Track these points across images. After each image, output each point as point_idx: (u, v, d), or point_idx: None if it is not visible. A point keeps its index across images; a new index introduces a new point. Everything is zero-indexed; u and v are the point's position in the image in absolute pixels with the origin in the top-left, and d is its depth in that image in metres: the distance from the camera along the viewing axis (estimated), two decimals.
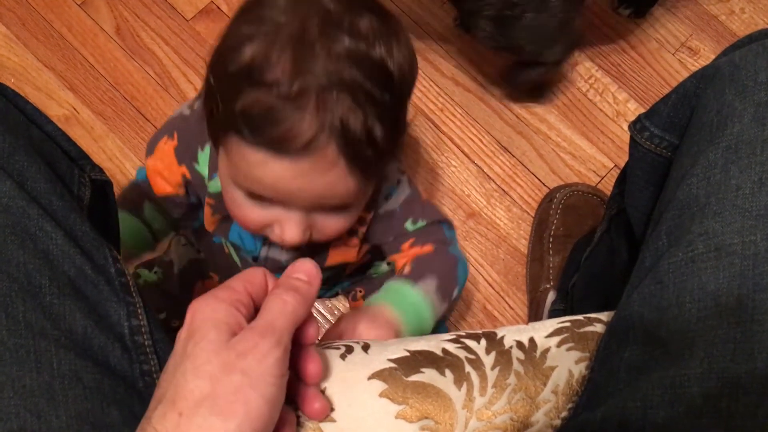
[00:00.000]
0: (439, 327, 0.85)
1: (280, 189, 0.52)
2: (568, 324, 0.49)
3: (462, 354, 0.46)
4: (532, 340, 0.47)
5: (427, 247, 0.66)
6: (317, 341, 0.42)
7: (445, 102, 1.04)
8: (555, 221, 0.93)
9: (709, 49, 1.07)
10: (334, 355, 0.45)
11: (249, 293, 0.39)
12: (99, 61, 1.03)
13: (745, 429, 0.38)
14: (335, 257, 0.69)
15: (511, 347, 0.47)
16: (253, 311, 0.39)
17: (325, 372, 0.43)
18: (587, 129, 1.03)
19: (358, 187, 0.53)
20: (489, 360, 0.46)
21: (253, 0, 0.52)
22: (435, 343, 0.47)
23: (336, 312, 0.93)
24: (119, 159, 0.98)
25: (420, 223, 0.67)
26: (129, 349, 0.42)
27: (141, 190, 0.68)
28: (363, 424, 0.42)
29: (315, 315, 0.81)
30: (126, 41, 1.04)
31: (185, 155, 0.65)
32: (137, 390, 0.42)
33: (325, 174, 0.50)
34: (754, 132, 0.43)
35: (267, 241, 0.67)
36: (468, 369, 0.45)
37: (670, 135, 0.53)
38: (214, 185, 0.64)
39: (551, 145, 1.02)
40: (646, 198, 0.57)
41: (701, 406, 0.39)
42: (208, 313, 0.36)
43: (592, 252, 0.75)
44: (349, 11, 0.50)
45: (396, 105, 0.51)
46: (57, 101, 1.01)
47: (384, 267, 0.81)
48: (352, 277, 0.85)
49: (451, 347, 0.46)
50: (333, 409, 0.42)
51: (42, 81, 1.01)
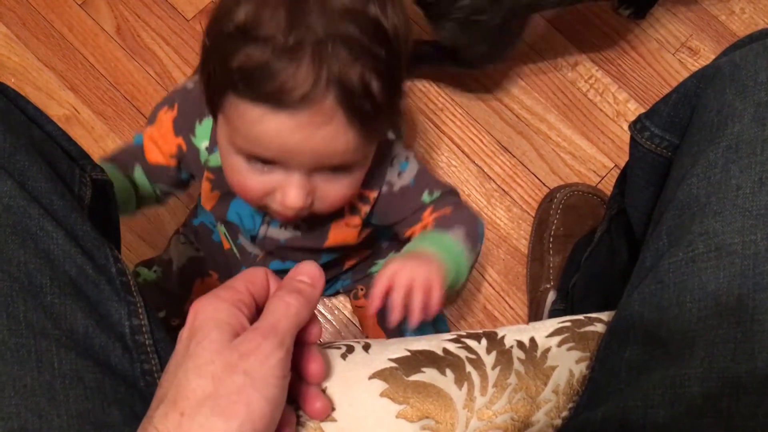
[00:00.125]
0: (441, 326, 0.85)
1: (279, 146, 0.52)
2: (568, 324, 0.49)
3: (463, 354, 0.46)
4: (532, 339, 0.47)
5: (446, 210, 0.67)
6: (319, 341, 0.42)
7: (445, 102, 1.04)
8: (555, 221, 0.93)
9: (709, 49, 1.07)
10: (335, 355, 0.45)
11: (251, 293, 0.39)
12: (99, 61, 1.03)
13: (746, 429, 0.38)
14: (335, 237, 0.69)
15: (512, 347, 0.47)
16: (255, 311, 0.39)
17: (327, 371, 0.43)
18: (587, 129, 1.03)
19: (357, 143, 0.53)
20: (490, 360, 0.46)
21: None
22: (436, 343, 0.47)
23: (336, 312, 0.94)
24: None
25: (436, 194, 0.68)
26: (130, 349, 0.42)
27: (136, 153, 0.68)
28: (364, 423, 0.42)
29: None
30: (126, 41, 1.04)
31: (183, 127, 0.65)
32: (138, 389, 0.42)
33: (324, 127, 0.50)
34: (754, 132, 0.43)
35: (266, 219, 0.68)
36: (469, 369, 0.45)
37: (670, 135, 0.53)
38: (214, 159, 0.64)
39: (551, 145, 1.02)
40: (646, 198, 0.57)
41: (702, 405, 0.39)
42: (210, 313, 0.36)
43: (592, 252, 0.75)
44: None
45: (392, 62, 0.51)
46: (57, 101, 1.01)
47: None
48: (352, 274, 0.85)
49: (452, 347, 0.46)
50: (334, 409, 0.42)
51: (42, 81, 1.02)
